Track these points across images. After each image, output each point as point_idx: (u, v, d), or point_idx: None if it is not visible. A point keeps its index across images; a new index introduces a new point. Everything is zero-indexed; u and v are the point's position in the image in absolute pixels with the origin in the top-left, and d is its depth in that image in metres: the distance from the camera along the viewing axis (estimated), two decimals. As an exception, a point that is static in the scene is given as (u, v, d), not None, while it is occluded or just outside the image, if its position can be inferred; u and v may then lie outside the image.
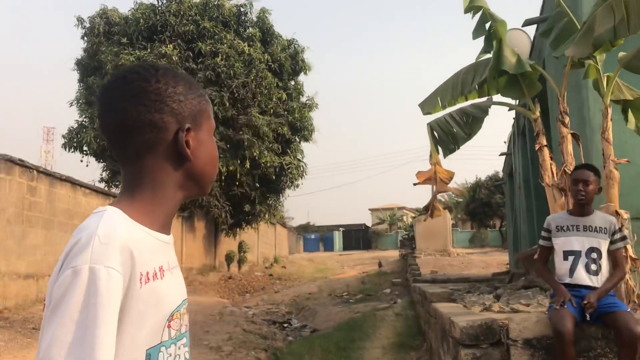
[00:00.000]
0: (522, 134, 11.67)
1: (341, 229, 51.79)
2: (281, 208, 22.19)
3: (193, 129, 1.02)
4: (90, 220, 0.92)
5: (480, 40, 4.87)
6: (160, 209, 1.01)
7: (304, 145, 20.24)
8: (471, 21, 4.93)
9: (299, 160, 19.57)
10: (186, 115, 1.01)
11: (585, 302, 3.41)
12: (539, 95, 5.12)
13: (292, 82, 20.31)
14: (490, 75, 4.54)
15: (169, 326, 0.96)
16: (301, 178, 19.77)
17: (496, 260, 20.08)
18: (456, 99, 5.15)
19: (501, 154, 15.32)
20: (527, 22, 7.99)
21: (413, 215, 36.67)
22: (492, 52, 4.60)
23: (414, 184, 4.90)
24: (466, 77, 5.00)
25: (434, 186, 4.87)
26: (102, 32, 17.65)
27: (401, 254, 23.48)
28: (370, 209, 57.50)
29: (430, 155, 4.88)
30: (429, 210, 5.07)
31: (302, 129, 19.49)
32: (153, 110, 0.98)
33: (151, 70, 1.02)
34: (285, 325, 11.34)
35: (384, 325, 9.06)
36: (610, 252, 3.64)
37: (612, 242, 3.63)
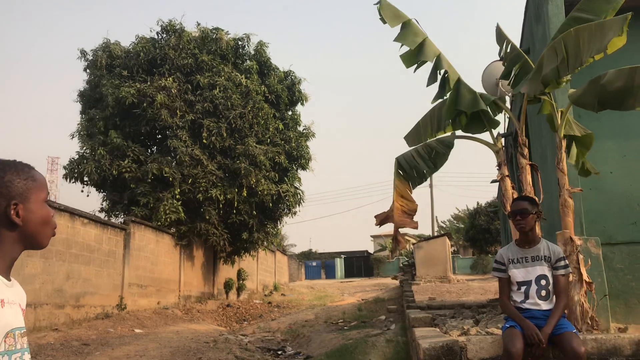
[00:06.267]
0: (509, 162, 11.95)
1: (343, 256, 51.73)
2: (279, 235, 22.40)
3: (21, 203, 1.45)
4: None
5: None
6: (1, 259, 1.46)
7: (301, 173, 20.59)
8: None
9: (295, 188, 19.84)
10: (14, 195, 1.43)
11: (534, 339, 3.60)
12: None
13: (289, 112, 20.76)
14: (447, 114, 4.89)
15: (5, 341, 1.36)
16: (298, 205, 20.04)
17: (495, 287, 20.05)
18: (435, 133, 5.47)
19: (492, 181, 15.58)
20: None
21: (414, 241, 36.72)
22: (447, 95, 4.96)
23: (375, 225, 5.22)
24: (440, 112, 5.34)
25: (394, 222, 5.14)
26: (104, 65, 18.06)
27: (399, 280, 23.52)
28: (372, 236, 57.57)
29: (395, 187, 5.16)
30: (394, 242, 5.37)
31: (299, 158, 19.84)
32: None
33: None
34: (279, 352, 11.45)
35: (375, 351, 9.19)
36: (553, 279, 3.89)
37: (554, 269, 3.89)
